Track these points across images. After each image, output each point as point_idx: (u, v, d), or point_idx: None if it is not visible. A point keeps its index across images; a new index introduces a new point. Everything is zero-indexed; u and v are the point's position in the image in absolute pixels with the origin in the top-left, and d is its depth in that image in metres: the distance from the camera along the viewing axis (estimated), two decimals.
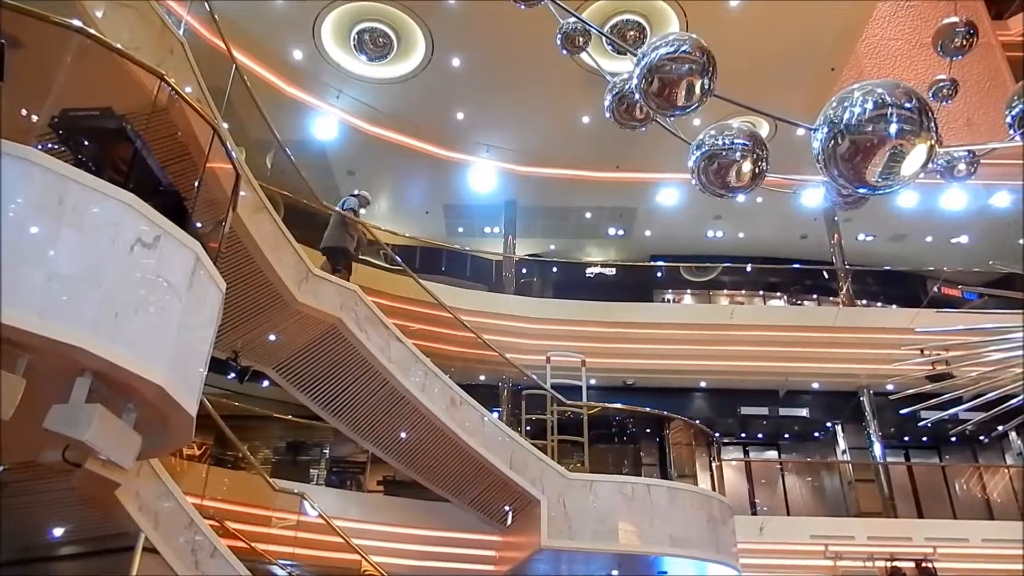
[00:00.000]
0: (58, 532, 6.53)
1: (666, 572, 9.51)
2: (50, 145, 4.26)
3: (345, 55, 12.97)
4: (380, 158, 15.28)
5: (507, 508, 9.83)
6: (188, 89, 6.16)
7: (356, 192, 10.35)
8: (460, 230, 18.18)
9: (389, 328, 8.86)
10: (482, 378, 14.15)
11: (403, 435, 9.58)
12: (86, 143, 4.36)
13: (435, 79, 13.36)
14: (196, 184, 4.97)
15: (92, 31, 4.57)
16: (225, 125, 7.17)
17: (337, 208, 9.86)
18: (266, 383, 10.92)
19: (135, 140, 4.41)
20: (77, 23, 4.40)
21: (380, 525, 10.22)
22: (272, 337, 8.61)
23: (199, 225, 5.19)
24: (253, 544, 8.51)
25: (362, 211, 10.31)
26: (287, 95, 13.50)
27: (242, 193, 6.90)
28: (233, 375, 9.07)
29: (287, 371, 9.13)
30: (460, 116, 14.55)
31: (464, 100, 14.14)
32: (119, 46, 4.79)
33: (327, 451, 13.31)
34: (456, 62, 13.08)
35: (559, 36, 4.93)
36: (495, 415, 10.16)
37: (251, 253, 7.27)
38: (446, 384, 9.08)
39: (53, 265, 3.51)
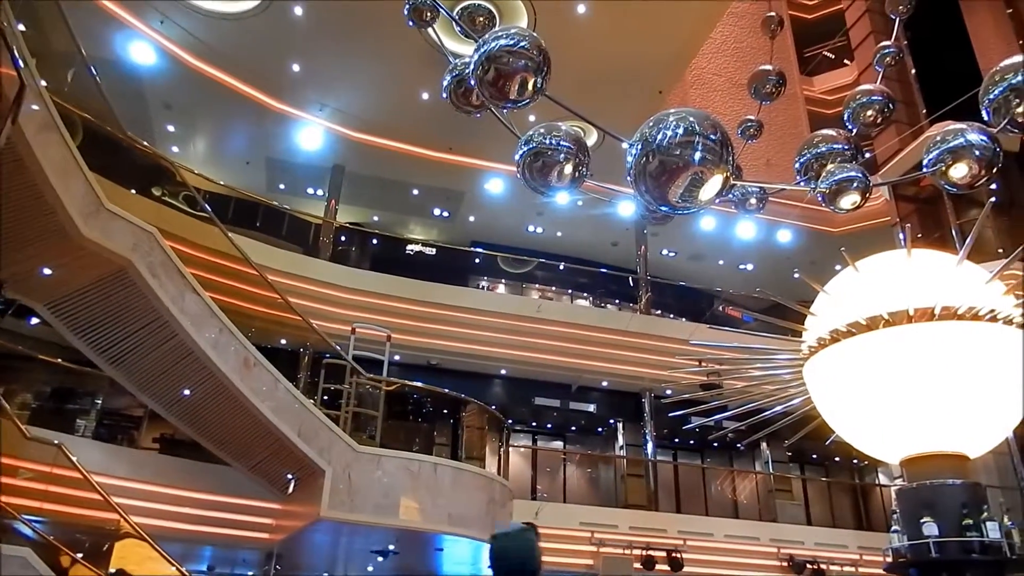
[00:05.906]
0: None
1: (443, 549, 9.75)
2: None
3: None
4: (202, 96, 14.20)
5: (290, 476, 9.59)
6: None
7: None
8: (282, 187, 17.38)
9: (186, 277, 8.32)
10: (283, 342, 13.65)
11: (187, 392, 9.04)
12: None
13: (274, 24, 12.62)
14: None
15: None
16: (21, 28, 6.36)
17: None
18: (35, 321, 9.87)
19: None
20: None
21: (151, 485, 9.61)
22: (47, 271, 7.77)
23: None
24: None
25: None
26: (102, 8, 12.16)
27: (34, 107, 6.17)
28: None
29: (62, 311, 8.28)
30: (295, 68, 13.89)
31: (302, 52, 13.49)
32: None
33: (99, 402, 12.21)
34: (298, 11, 12.46)
35: (407, 7, 4.85)
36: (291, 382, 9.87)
37: (33, 175, 6.49)
38: (242, 344, 8.69)
39: None
